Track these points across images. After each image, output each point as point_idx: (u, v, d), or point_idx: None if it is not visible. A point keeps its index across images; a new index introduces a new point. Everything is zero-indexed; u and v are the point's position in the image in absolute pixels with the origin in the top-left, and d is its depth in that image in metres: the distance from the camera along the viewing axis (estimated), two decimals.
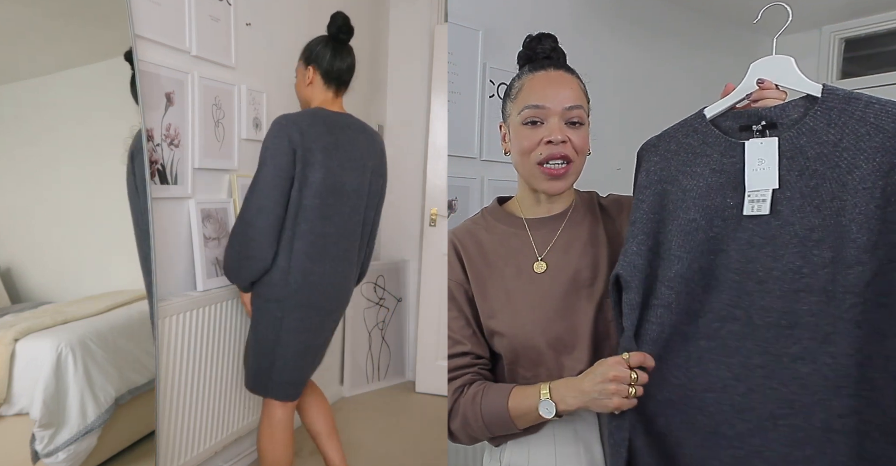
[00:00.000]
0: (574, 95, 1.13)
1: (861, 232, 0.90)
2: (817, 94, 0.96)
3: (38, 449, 1.49)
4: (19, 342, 1.46)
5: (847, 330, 0.92)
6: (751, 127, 1.01)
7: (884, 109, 0.90)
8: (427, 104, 3.25)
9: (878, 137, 0.89)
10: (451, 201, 2.30)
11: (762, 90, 1.02)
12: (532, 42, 1.20)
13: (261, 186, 1.72)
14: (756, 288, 0.98)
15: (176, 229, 1.96)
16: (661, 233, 1.07)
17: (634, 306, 1.06)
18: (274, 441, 1.87)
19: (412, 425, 2.85)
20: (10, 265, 1.58)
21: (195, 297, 1.96)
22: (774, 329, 0.97)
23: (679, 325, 1.04)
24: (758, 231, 0.98)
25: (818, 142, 0.94)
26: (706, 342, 1.02)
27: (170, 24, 1.89)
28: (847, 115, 0.92)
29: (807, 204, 0.95)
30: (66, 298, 1.64)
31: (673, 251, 1.04)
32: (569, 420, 1.13)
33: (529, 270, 1.16)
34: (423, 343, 3.23)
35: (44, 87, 1.60)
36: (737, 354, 1.00)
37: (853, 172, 0.91)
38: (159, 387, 1.79)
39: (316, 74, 1.90)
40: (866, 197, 0.90)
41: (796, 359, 0.95)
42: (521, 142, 1.13)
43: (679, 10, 3.01)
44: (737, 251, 1.00)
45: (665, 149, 1.08)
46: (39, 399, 1.47)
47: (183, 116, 1.95)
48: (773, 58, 1.03)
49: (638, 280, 1.06)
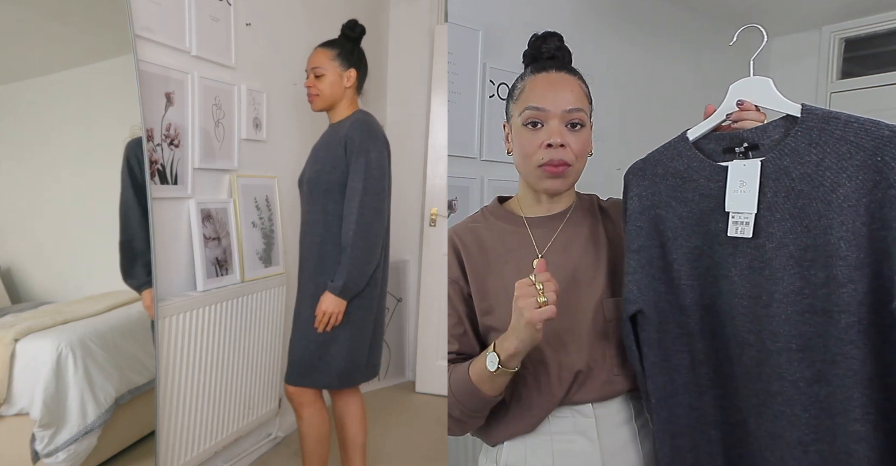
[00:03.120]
0: (574, 98, 1.13)
1: (850, 249, 0.90)
2: (797, 114, 0.97)
3: (39, 449, 1.49)
4: (19, 342, 1.46)
5: (847, 351, 0.91)
6: (734, 149, 1.02)
7: (863, 127, 0.90)
8: (427, 104, 3.25)
9: (858, 155, 0.90)
10: (451, 201, 2.30)
11: (741, 111, 1.03)
12: (537, 41, 1.19)
13: (379, 192, 1.86)
14: (764, 313, 0.98)
15: (176, 229, 1.96)
16: (665, 260, 1.07)
17: (652, 343, 1.07)
18: (363, 420, 2.05)
19: (412, 425, 2.85)
20: (10, 265, 1.58)
21: (195, 297, 1.96)
22: (786, 354, 0.96)
23: (721, 349, 1.04)
24: (756, 255, 0.99)
25: (801, 162, 0.95)
26: (739, 367, 1.02)
27: (170, 24, 1.89)
28: (827, 134, 0.93)
29: (797, 225, 0.95)
30: (66, 298, 1.64)
31: (683, 280, 1.05)
32: (567, 417, 1.13)
33: (529, 267, 1.16)
34: (423, 343, 3.23)
35: (44, 87, 1.60)
36: (758, 380, 1.00)
37: (837, 191, 0.91)
38: (159, 387, 1.79)
39: (356, 78, 1.98)
40: (852, 215, 0.90)
41: (812, 383, 0.95)
42: (522, 144, 1.14)
43: (679, 10, 3.02)
44: (739, 276, 1.00)
45: (652, 173, 1.09)
46: (39, 399, 1.47)
47: (183, 116, 1.95)
48: (752, 79, 1.04)
49: (657, 313, 1.07)
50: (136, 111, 1.71)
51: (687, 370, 1.07)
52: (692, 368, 1.07)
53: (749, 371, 1.01)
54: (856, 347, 0.90)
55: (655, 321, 1.07)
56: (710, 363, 1.05)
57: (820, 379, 0.94)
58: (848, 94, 3.36)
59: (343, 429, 2.02)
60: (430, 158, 3.22)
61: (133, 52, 1.69)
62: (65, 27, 1.63)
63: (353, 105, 2.00)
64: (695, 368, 1.07)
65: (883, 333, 0.89)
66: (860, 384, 0.90)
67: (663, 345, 1.08)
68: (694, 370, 1.07)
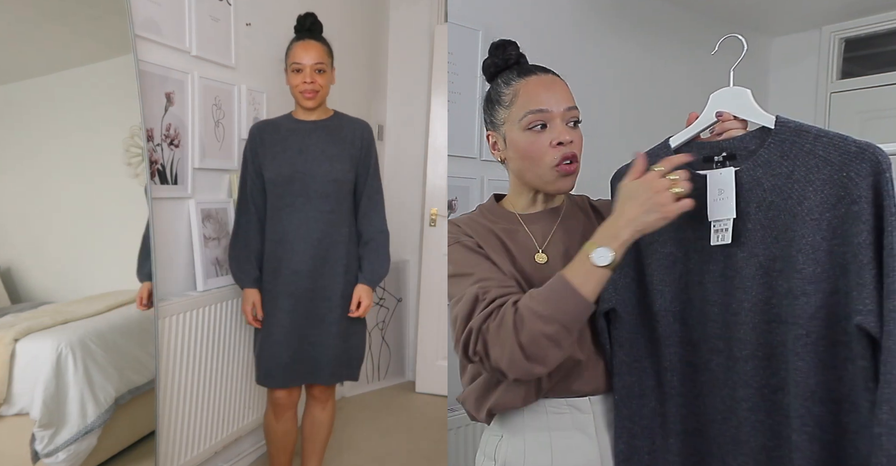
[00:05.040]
0: (569, 96, 1.15)
1: (806, 263, 0.91)
2: (771, 125, 0.99)
3: (39, 449, 1.49)
4: (19, 342, 1.46)
5: (792, 362, 0.93)
6: (713, 158, 1.04)
7: (831, 142, 0.92)
8: (427, 104, 3.25)
9: (826, 170, 0.91)
10: (451, 201, 2.30)
11: (723, 122, 1.05)
12: (497, 50, 1.20)
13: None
14: (733, 320, 1.00)
15: (176, 229, 1.96)
16: (641, 263, 1.10)
17: (623, 342, 1.10)
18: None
19: (412, 425, 2.85)
20: (10, 265, 1.58)
21: (195, 297, 1.96)
22: (752, 361, 0.98)
23: (686, 356, 1.07)
24: (728, 263, 1.01)
25: (773, 174, 0.97)
26: (706, 373, 1.05)
27: (170, 24, 1.89)
28: (798, 147, 0.95)
29: (767, 235, 0.97)
30: (66, 298, 1.64)
31: (655, 285, 1.08)
32: (565, 412, 1.13)
33: (531, 260, 1.16)
34: (423, 343, 3.23)
35: (44, 87, 1.60)
36: (725, 386, 1.02)
37: (803, 204, 0.93)
38: (159, 387, 1.79)
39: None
40: (813, 228, 0.91)
41: (776, 390, 0.97)
42: (527, 148, 1.13)
43: (679, 10, 3.01)
44: (712, 283, 1.02)
45: None
46: (39, 399, 1.47)
47: (183, 116, 1.95)
48: (731, 89, 1.06)
49: (631, 315, 1.09)
50: (136, 111, 1.71)
51: (656, 373, 1.09)
52: (660, 372, 1.09)
53: (717, 378, 1.03)
54: (800, 359, 0.92)
55: (628, 322, 1.10)
56: (677, 370, 1.08)
57: (783, 387, 0.96)
58: (848, 94, 3.36)
59: (324, 429, 2.09)
60: (430, 158, 3.22)
61: (133, 52, 1.69)
62: (65, 27, 1.63)
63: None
64: (662, 373, 1.09)
65: (833, 347, 0.91)
66: (800, 395, 0.92)
67: (635, 347, 1.10)
68: (661, 374, 1.09)
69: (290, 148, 1.93)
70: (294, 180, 1.91)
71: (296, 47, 1.92)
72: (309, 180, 1.91)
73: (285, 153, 1.92)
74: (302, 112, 1.97)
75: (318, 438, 2.09)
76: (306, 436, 2.10)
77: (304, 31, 1.96)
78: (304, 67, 1.90)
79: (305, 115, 1.97)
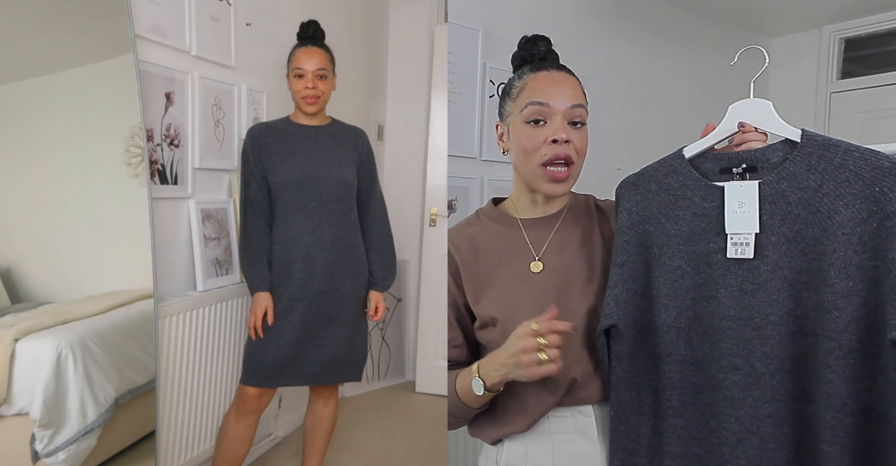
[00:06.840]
0: (576, 94, 1.13)
1: (839, 277, 0.90)
2: (797, 139, 0.97)
3: (38, 449, 1.49)
4: (19, 342, 1.46)
5: (824, 375, 0.92)
6: (731, 169, 1.01)
7: (862, 157, 0.91)
8: (427, 104, 3.25)
9: (857, 185, 0.91)
10: (451, 201, 2.30)
11: (744, 134, 1.03)
12: (527, 44, 1.19)
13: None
14: (755, 335, 0.97)
15: (176, 229, 1.96)
16: (647, 277, 1.07)
17: (622, 357, 1.07)
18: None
19: (412, 425, 2.85)
20: (10, 265, 1.58)
21: (195, 297, 1.96)
22: (779, 375, 0.96)
23: (689, 376, 1.03)
24: (748, 277, 0.98)
25: (799, 187, 0.95)
26: (716, 393, 1.01)
27: (170, 25, 1.89)
28: (826, 161, 0.94)
29: (793, 248, 0.95)
30: (66, 298, 1.64)
31: (660, 299, 1.04)
32: (567, 416, 1.13)
33: (525, 269, 1.16)
34: (423, 343, 3.23)
35: (44, 87, 1.60)
36: (744, 405, 0.98)
37: (833, 218, 0.92)
38: (159, 387, 1.79)
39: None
40: (845, 243, 0.91)
41: (799, 400, 0.95)
42: (524, 141, 1.12)
43: (679, 10, 3.01)
44: (728, 298, 0.99)
45: (645, 188, 1.08)
46: (39, 399, 1.47)
47: (183, 116, 1.95)
48: (752, 101, 1.04)
49: (632, 330, 1.06)
50: (136, 111, 1.71)
51: (655, 391, 1.06)
52: (659, 390, 1.06)
53: (733, 397, 0.99)
54: (833, 372, 0.91)
55: (629, 337, 1.07)
56: (676, 389, 1.04)
57: (805, 397, 0.95)
58: (848, 94, 3.36)
59: (326, 425, 2.09)
60: (430, 158, 3.22)
61: (133, 52, 1.69)
62: (65, 27, 1.63)
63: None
64: (661, 391, 1.05)
65: (865, 359, 0.90)
66: (832, 407, 0.91)
67: (635, 362, 1.07)
68: (659, 393, 1.06)
69: (298, 152, 1.93)
70: (306, 184, 1.90)
71: (298, 53, 1.93)
72: (321, 184, 1.91)
73: (295, 157, 1.92)
74: (303, 117, 1.98)
75: (320, 434, 2.08)
76: (308, 433, 2.10)
77: (308, 38, 1.96)
78: (306, 73, 1.90)
79: (306, 120, 1.98)
